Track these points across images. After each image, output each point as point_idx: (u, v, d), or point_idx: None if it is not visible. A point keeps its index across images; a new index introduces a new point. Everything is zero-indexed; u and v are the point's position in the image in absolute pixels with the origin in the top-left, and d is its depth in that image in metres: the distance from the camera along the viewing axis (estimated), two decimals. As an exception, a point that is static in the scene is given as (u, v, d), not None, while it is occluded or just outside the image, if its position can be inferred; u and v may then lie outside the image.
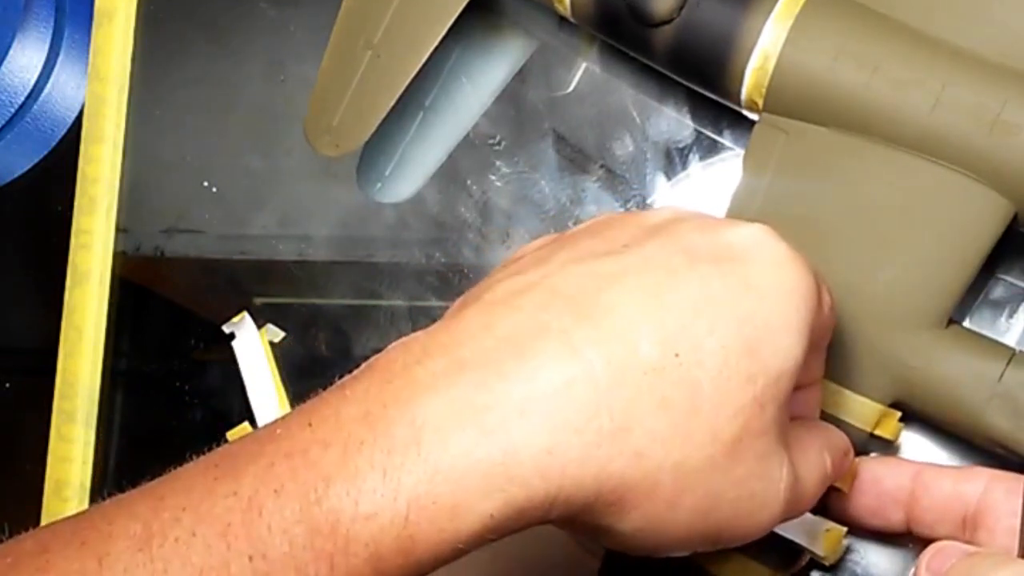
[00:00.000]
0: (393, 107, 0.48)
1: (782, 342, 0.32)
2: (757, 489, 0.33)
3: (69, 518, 0.31)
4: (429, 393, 0.30)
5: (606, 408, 0.30)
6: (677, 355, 0.31)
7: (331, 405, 0.31)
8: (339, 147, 0.49)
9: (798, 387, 0.37)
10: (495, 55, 0.52)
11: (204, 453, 0.32)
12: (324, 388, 0.33)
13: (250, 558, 0.28)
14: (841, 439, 0.38)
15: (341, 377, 0.33)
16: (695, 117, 0.49)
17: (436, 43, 0.47)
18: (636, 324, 0.31)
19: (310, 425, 0.30)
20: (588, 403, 0.30)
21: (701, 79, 0.45)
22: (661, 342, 0.31)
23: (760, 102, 0.43)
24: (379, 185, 0.52)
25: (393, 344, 0.33)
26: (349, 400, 0.31)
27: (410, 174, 0.52)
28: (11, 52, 0.56)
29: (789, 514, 0.34)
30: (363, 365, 0.32)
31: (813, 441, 0.36)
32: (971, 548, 0.35)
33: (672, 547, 0.33)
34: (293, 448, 0.30)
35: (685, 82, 0.46)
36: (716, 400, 0.31)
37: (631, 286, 0.32)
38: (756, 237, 0.34)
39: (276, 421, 0.31)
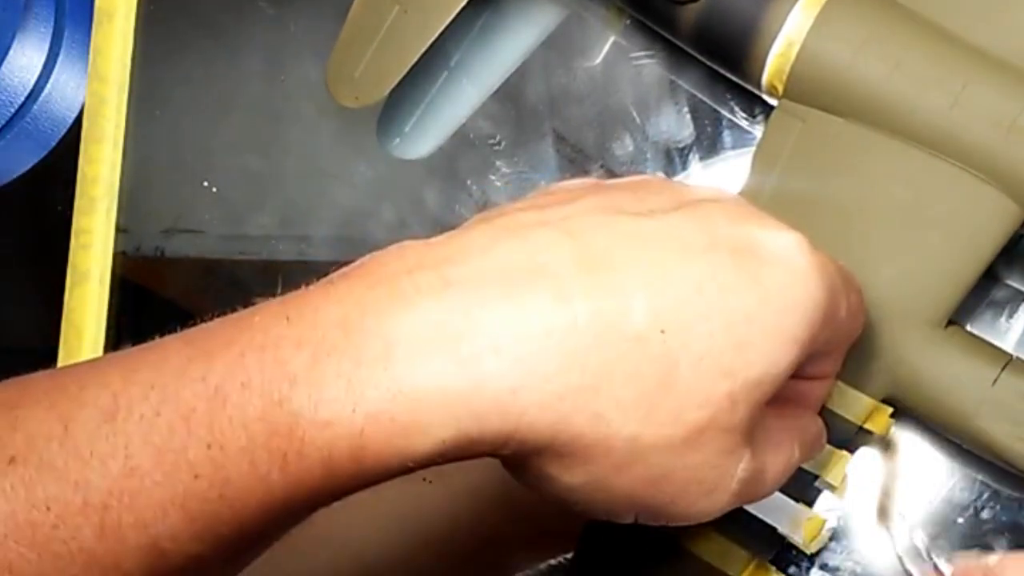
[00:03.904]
0: (418, 64, 0.48)
1: (773, 348, 0.32)
2: (709, 478, 0.33)
3: (43, 375, 0.32)
4: (409, 309, 0.30)
5: (579, 363, 0.30)
6: (663, 331, 0.31)
7: (312, 301, 0.31)
8: (359, 99, 0.50)
9: (809, 377, 0.37)
10: (524, 21, 0.52)
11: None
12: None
13: (208, 446, 0.29)
14: (814, 423, 0.38)
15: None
16: (695, 117, 0.49)
17: (463, 3, 0.47)
18: (633, 289, 0.31)
19: (288, 319, 0.30)
20: (563, 354, 0.30)
21: (723, 60, 0.45)
22: (652, 314, 0.31)
23: (780, 88, 0.43)
24: (398, 140, 0.52)
25: (392, 246, 0.33)
26: (331, 299, 0.31)
27: (430, 132, 0.52)
28: (11, 52, 0.56)
29: (740, 503, 0.34)
30: (357, 261, 0.32)
31: (784, 434, 0.36)
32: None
33: (611, 511, 0.33)
34: (267, 341, 0.30)
35: (707, 62, 0.46)
36: (689, 385, 0.31)
37: (641, 251, 0.32)
38: (784, 243, 0.33)
39: (257, 307, 0.31)
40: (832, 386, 0.39)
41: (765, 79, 0.43)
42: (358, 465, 0.30)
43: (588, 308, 0.30)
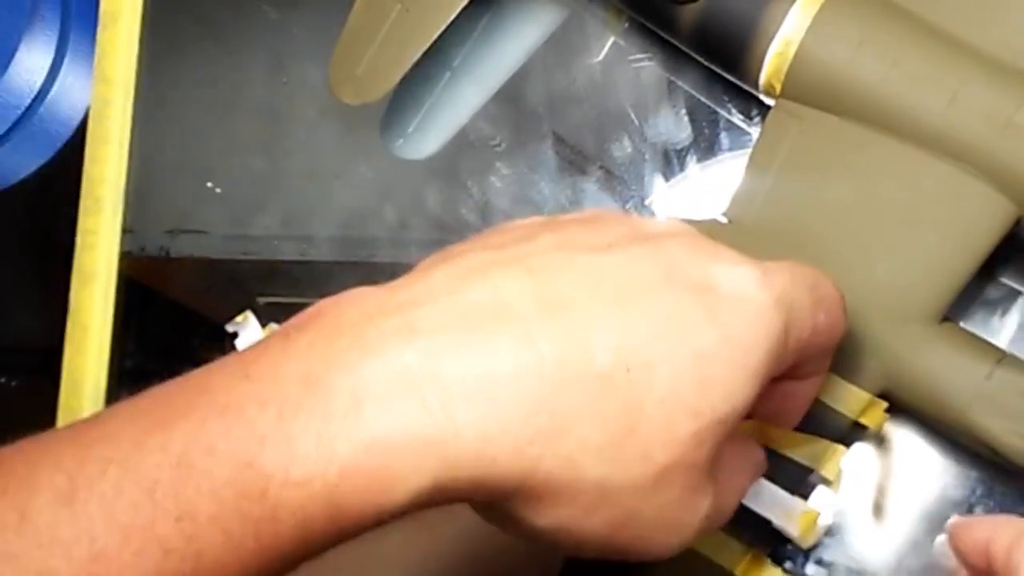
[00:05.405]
0: (421, 65, 0.49)
1: (736, 385, 0.32)
2: (675, 516, 0.32)
3: None
4: (375, 358, 0.29)
5: (548, 406, 0.30)
6: (629, 370, 0.30)
7: (271, 357, 0.29)
8: (360, 97, 0.50)
9: (796, 378, 0.37)
10: (525, 21, 0.52)
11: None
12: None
13: (177, 519, 0.27)
14: (756, 450, 0.38)
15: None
16: (693, 119, 0.50)
17: (464, 2, 0.48)
18: (596, 329, 0.31)
19: (247, 377, 0.29)
20: (532, 397, 0.30)
21: (722, 60, 0.45)
22: (616, 352, 0.30)
23: (778, 87, 0.43)
24: (401, 141, 0.53)
25: (347, 292, 0.32)
26: (291, 355, 0.29)
27: (433, 132, 0.53)
28: (17, 55, 0.57)
29: (702, 535, 0.34)
30: (311, 309, 0.31)
31: (737, 463, 0.35)
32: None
33: (578, 550, 0.33)
34: (228, 402, 0.29)
35: (706, 62, 0.46)
36: (655, 425, 0.31)
37: (601, 288, 0.31)
38: (741, 277, 0.33)
39: (212, 367, 0.30)
40: (823, 382, 0.39)
41: (763, 78, 0.44)
42: (332, 522, 0.29)
43: (553, 349, 0.30)
